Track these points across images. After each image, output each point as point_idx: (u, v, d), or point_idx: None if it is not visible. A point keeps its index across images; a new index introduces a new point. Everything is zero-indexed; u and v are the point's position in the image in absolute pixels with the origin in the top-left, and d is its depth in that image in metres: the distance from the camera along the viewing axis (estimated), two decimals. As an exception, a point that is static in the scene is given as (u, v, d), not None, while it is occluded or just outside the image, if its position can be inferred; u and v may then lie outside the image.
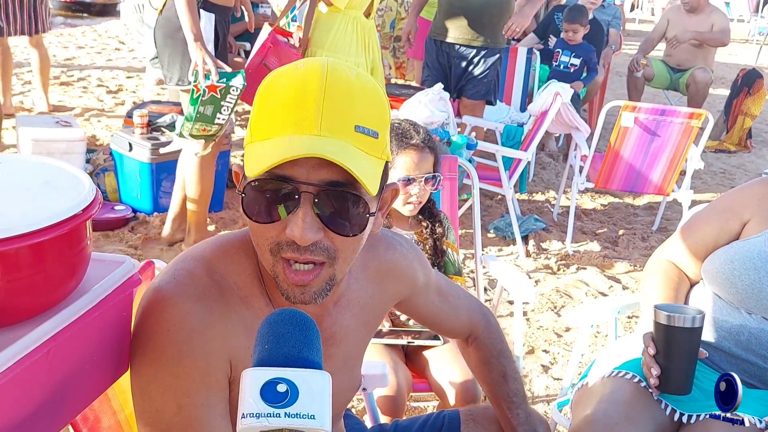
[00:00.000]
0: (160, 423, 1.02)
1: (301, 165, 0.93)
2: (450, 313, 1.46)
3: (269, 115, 0.97)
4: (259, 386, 0.73)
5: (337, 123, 0.94)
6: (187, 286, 1.04)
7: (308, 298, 1.01)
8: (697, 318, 1.55)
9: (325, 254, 0.98)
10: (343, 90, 0.96)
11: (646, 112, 3.85)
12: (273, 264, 1.00)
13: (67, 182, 0.96)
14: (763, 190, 1.76)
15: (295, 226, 0.94)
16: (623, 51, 7.90)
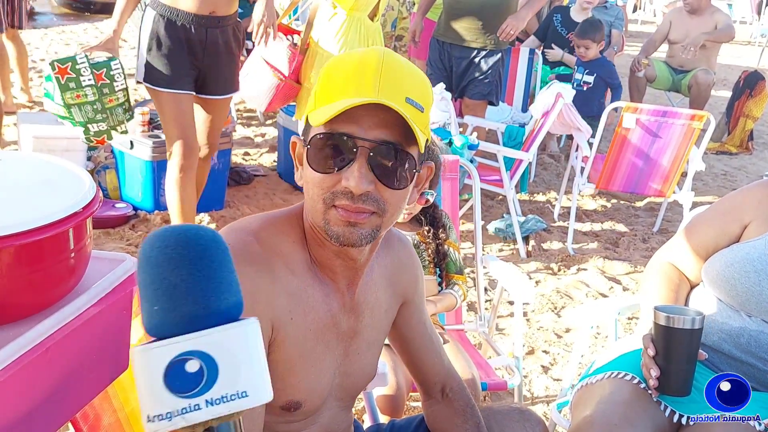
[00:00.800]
0: None
1: (359, 124, 1.06)
2: (432, 351, 1.47)
3: (331, 85, 1.10)
4: (161, 372, 0.54)
5: (392, 91, 1.06)
6: (240, 250, 1.11)
7: (356, 238, 1.10)
8: (697, 319, 1.55)
9: (375, 205, 1.09)
10: (396, 67, 1.10)
11: (647, 113, 3.85)
12: (324, 212, 1.10)
13: (68, 180, 0.96)
14: (764, 192, 1.75)
15: (351, 176, 1.06)
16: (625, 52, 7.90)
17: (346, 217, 1.08)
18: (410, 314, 1.42)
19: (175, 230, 0.62)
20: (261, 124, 5.91)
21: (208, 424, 0.55)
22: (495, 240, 4.16)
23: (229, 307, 0.59)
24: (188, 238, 0.60)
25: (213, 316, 0.57)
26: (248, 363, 0.56)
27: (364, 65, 1.08)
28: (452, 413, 1.47)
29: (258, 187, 4.59)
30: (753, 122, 6.46)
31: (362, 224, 1.09)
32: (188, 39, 2.98)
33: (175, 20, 2.96)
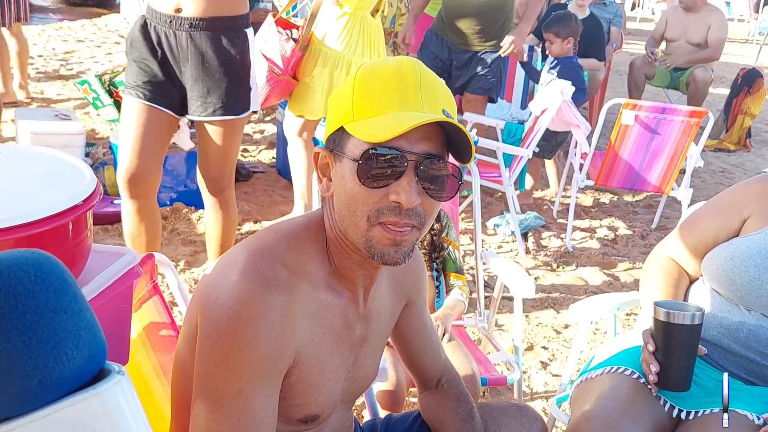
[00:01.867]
0: (217, 401, 1.06)
1: (407, 138, 1.06)
2: (431, 348, 1.49)
3: (373, 96, 1.10)
4: None
5: (433, 104, 1.09)
6: (270, 279, 1.09)
7: (400, 256, 1.11)
8: (697, 315, 1.55)
9: (418, 219, 1.10)
10: (432, 80, 1.12)
11: (646, 110, 3.85)
12: (367, 230, 1.09)
13: (68, 173, 0.96)
14: (763, 186, 1.75)
15: (402, 190, 1.07)
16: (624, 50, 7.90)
17: (393, 236, 1.08)
18: (413, 314, 1.43)
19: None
20: (259, 121, 5.90)
21: None
22: (494, 237, 4.16)
23: (79, 367, 0.42)
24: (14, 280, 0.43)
25: (55, 386, 0.41)
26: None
27: (404, 77, 1.09)
28: (446, 400, 1.49)
29: (257, 184, 4.59)
30: (751, 120, 6.47)
31: (405, 242, 1.10)
32: (159, 44, 2.51)
33: (148, 22, 2.54)
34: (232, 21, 2.52)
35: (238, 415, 1.05)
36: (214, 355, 1.06)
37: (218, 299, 1.07)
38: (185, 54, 2.49)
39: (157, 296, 1.51)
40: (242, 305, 1.05)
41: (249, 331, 1.05)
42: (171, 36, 2.49)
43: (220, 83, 2.51)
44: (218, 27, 2.49)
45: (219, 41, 2.49)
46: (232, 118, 2.58)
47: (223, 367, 1.06)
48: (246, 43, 2.56)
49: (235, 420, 1.05)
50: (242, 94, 2.59)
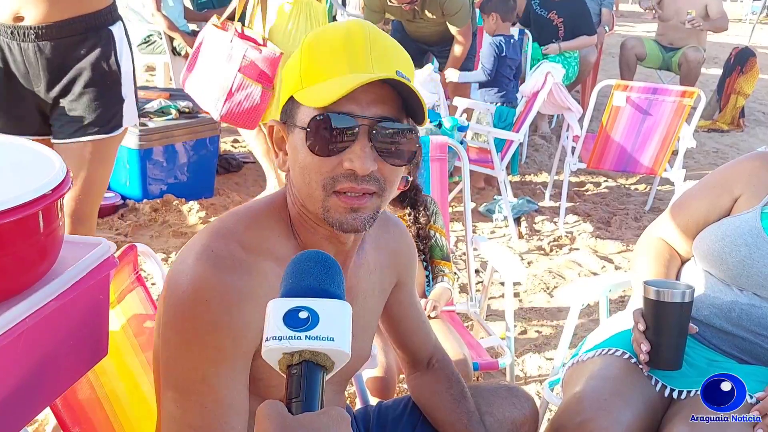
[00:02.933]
0: (183, 389, 1.04)
1: (357, 102, 1.02)
2: (422, 328, 1.48)
3: (320, 62, 1.05)
4: (282, 314, 0.76)
5: (384, 65, 1.04)
6: (225, 259, 1.06)
7: (359, 223, 1.07)
8: (687, 293, 1.53)
9: (377, 185, 1.06)
10: (383, 40, 1.08)
11: (638, 91, 3.83)
12: (324, 199, 1.06)
13: (37, 162, 0.93)
14: (754, 164, 1.74)
15: (354, 156, 1.03)
16: (616, 31, 7.86)
17: (349, 203, 1.05)
18: (403, 295, 1.42)
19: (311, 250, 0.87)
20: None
21: (304, 355, 0.75)
22: (486, 222, 4.15)
23: (335, 292, 0.80)
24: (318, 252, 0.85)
25: (323, 292, 0.79)
26: (339, 323, 0.77)
27: (352, 39, 1.05)
28: (437, 380, 1.48)
29: (248, 174, 4.57)
30: (744, 99, 6.44)
31: (364, 208, 1.07)
32: (4, 60, 2.04)
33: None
34: (88, 20, 2.02)
35: (204, 401, 1.03)
36: (175, 342, 1.05)
37: (175, 285, 1.06)
38: (35, 70, 2.02)
39: (141, 287, 1.50)
40: (197, 289, 1.03)
41: (205, 315, 1.02)
42: (15, 49, 2.00)
43: (82, 98, 2.05)
44: (71, 31, 2.00)
45: (75, 49, 2.02)
46: (100, 138, 2.10)
47: (184, 353, 1.04)
48: (111, 44, 2.08)
49: (202, 406, 1.03)
50: (112, 108, 2.12)
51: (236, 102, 3.22)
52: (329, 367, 0.77)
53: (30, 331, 0.87)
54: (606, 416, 1.51)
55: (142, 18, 5.35)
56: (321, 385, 0.76)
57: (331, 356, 0.77)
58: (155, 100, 4.14)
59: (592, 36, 5.59)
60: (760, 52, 7.03)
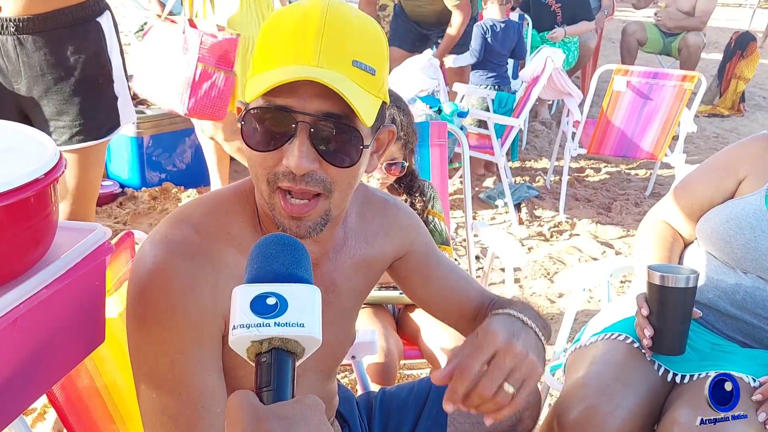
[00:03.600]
0: (154, 379, 1.02)
1: (299, 95, 0.94)
2: (459, 284, 1.36)
3: (269, 48, 0.98)
4: (249, 300, 0.73)
5: (335, 56, 0.95)
6: (177, 244, 1.03)
7: (303, 231, 1.02)
8: (691, 278, 1.52)
9: (321, 186, 0.99)
10: (342, 25, 0.97)
11: (638, 75, 3.80)
12: (270, 195, 1.01)
13: (30, 147, 0.92)
14: (759, 146, 1.72)
15: (291, 155, 0.96)
16: (616, 17, 7.82)
17: (289, 210, 1.00)
18: (415, 262, 1.34)
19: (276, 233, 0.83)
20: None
21: (273, 342, 0.72)
22: (487, 208, 4.13)
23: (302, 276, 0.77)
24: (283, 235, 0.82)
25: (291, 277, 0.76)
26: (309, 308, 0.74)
27: (305, 24, 0.96)
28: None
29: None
30: (744, 84, 6.41)
31: (307, 216, 1.01)
32: None
33: None
34: (75, 12, 1.86)
35: (179, 389, 1.01)
36: (137, 332, 1.03)
37: (132, 274, 1.04)
38: (15, 67, 1.84)
39: (138, 274, 1.48)
40: (152, 276, 1.01)
41: (161, 301, 1.00)
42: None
43: (73, 100, 1.88)
44: (56, 24, 1.84)
45: (61, 44, 1.85)
46: (96, 144, 1.95)
47: (148, 342, 1.01)
48: (101, 38, 1.92)
49: (178, 394, 1.01)
50: (106, 109, 1.96)
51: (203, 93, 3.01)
52: (299, 353, 0.74)
53: (25, 317, 0.86)
54: (609, 401, 1.50)
55: (139, 5, 5.31)
56: (292, 373, 0.74)
57: (302, 342, 0.74)
58: (152, 87, 4.11)
59: (591, 21, 5.57)
60: (760, 37, 6.98)
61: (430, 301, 1.38)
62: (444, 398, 1.06)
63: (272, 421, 0.68)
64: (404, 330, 2.13)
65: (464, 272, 1.41)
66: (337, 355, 1.31)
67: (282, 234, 0.82)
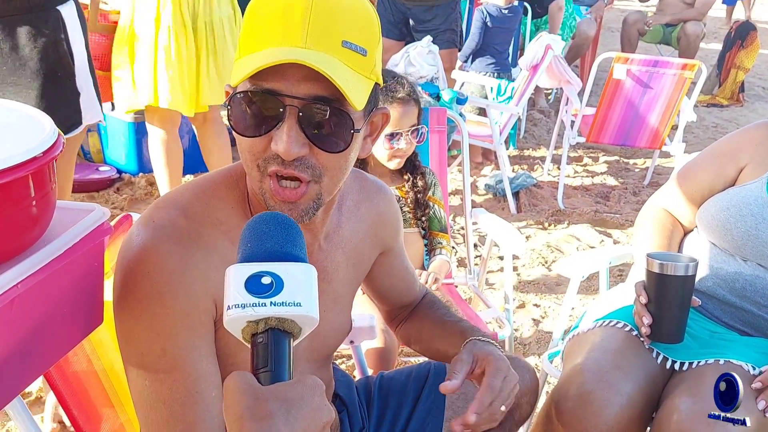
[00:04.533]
0: (146, 365, 1.01)
1: (287, 78, 0.92)
2: (409, 280, 1.48)
3: (256, 29, 0.95)
4: (243, 280, 0.72)
5: (323, 37, 0.93)
6: (165, 228, 1.02)
7: (296, 215, 1.00)
8: (690, 266, 1.51)
9: (310, 171, 0.97)
10: (330, 4, 0.95)
11: (638, 63, 3.79)
12: (260, 180, 1.00)
13: (28, 125, 0.91)
14: (760, 134, 1.71)
15: (279, 140, 0.94)
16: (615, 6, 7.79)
17: (281, 195, 0.98)
18: (392, 260, 1.38)
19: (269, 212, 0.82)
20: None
21: (270, 322, 0.71)
22: (486, 196, 4.12)
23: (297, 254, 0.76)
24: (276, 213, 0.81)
25: (285, 255, 0.75)
26: (305, 287, 0.73)
27: (292, 5, 0.93)
28: (420, 309, 1.49)
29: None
30: (744, 74, 6.40)
31: (299, 201, 0.99)
32: None
33: None
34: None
35: (172, 375, 1.00)
36: (127, 319, 1.01)
37: (119, 260, 1.03)
38: None
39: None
40: (138, 261, 1.00)
41: (148, 286, 0.99)
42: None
43: (29, 93, 1.76)
44: (11, 9, 1.72)
45: (15, 30, 1.73)
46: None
47: (138, 329, 1.00)
48: (60, 27, 1.80)
49: (171, 380, 1.00)
50: (65, 105, 1.85)
51: None
52: (296, 333, 0.73)
53: (23, 296, 0.85)
54: (607, 388, 1.50)
55: None
56: (289, 353, 0.72)
57: (299, 322, 0.73)
58: (150, 72, 4.09)
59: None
60: (760, 27, 6.97)
61: (381, 292, 1.46)
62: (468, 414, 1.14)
63: (272, 402, 0.67)
64: (402, 316, 2.13)
65: (410, 264, 1.48)
66: (331, 344, 1.30)
67: (275, 212, 0.81)
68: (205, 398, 1.01)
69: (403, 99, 2.05)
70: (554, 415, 1.54)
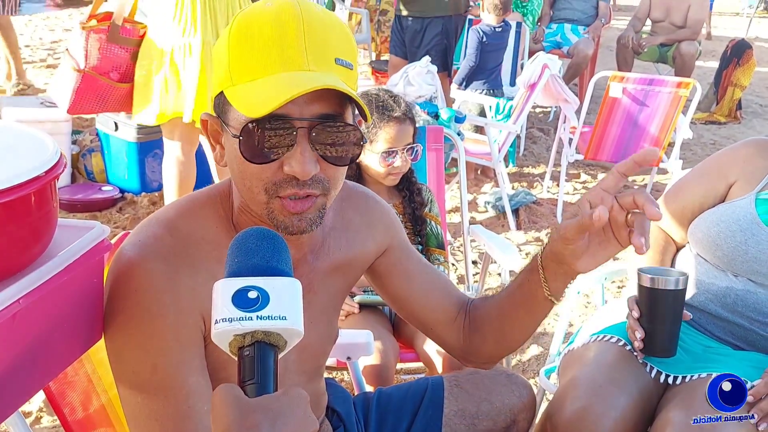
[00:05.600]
0: (137, 384, 1.03)
1: (294, 102, 0.94)
2: (438, 283, 1.34)
3: (250, 55, 0.97)
4: (231, 294, 0.74)
5: (321, 57, 0.97)
6: (151, 247, 1.04)
7: (304, 225, 1.03)
8: (681, 280, 1.54)
9: (320, 186, 1.01)
10: (319, 25, 0.98)
11: (634, 82, 3.83)
12: (268, 202, 1.01)
13: (31, 145, 0.94)
14: (749, 151, 1.74)
15: (295, 162, 0.96)
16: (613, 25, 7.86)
17: (292, 208, 1.00)
18: (397, 257, 1.33)
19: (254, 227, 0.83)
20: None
21: (256, 336, 0.74)
22: (485, 213, 4.15)
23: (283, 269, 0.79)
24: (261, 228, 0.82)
25: (271, 270, 0.78)
26: (290, 301, 0.76)
27: (283, 28, 0.95)
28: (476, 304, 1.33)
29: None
30: (741, 91, 6.44)
31: (308, 211, 1.02)
32: None
33: None
34: None
35: (163, 391, 1.01)
36: (117, 337, 1.03)
37: (109, 280, 1.05)
38: None
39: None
40: (125, 279, 1.02)
41: (137, 305, 1.01)
42: None
43: None
44: None
45: None
46: None
47: (128, 346, 1.02)
48: None
49: (163, 396, 1.01)
50: None
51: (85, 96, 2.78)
52: (282, 346, 0.76)
53: (24, 312, 0.87)
54: (601, 402, 1.51)
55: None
56: (275, 366, 0.74)
57: (284, 335, 0.75)
58: (152, 93, 4.13)
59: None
60: (757, 45, 7.02)
61: (411, 299, 1.33)
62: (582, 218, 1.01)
63: (258, 413, 0.69)
64: (401, 333, 2.15)
65: (438, 270, 1.40)
66: (318, 355, 1.31)
67: (261, 227, 0.83)
68: (197, 413, 1.02)
69: (399, 118, 2.08)
70: (549, 429, 1.55)
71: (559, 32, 6.19)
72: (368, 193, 1.34)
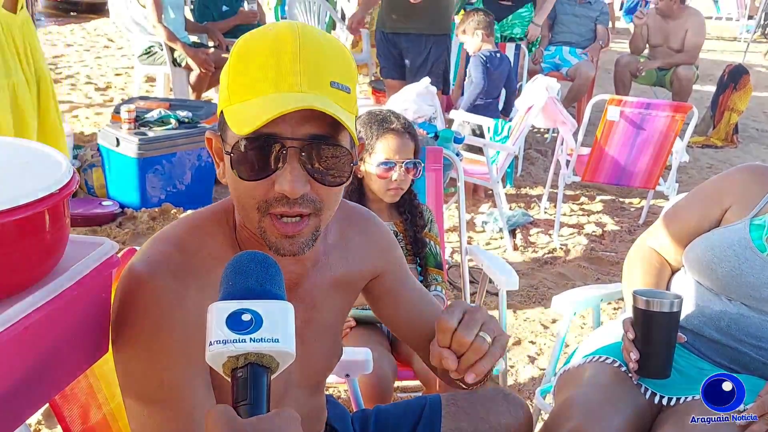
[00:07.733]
0: (144, 397, 1.04)
1: (285, 122, 0.97)
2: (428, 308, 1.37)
3: (246, 77, 1.00)
4: (224, 317, 0.77)
5: (315, 80, 0.99)
6: (160, 263, 1.06)
7: (297, 248, 1.04)
8: (675, 302, 1.56)
9: (312, 206, 1.02)
10: (316, 48, 1.00)
11: (631, 105, 3.88)
12: (260, 220, 1.03)
13: (45, 163, 0.96)
14: (744, 176, 1.77)
15: (284, 180, 0.98)
16: (611, 48, 7.94)
17: (283, 230, 1.02)
18: (390, 284, 1.36)
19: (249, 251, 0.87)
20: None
21: (249, 357, 0.76)
22: (482, 234, 4.18)
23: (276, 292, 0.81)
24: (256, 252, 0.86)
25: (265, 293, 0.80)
26: (283, 324, 0.78)
27: (279, 51, 0.98)
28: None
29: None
30: (738, 116, 6.50)
31: (300, 233, 1.03)
32: None
33: None
34: None
35: (171, 405, 1.03)
36: (125, 351, 1.05)
37: (117, 296, 1.07)
38: None
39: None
40: (135, 294, 1.04)
41: (145, 321, 1.03)
42: None
43: None
44: None
45: None
46: None
47: (136, 361, 1.04)
48: None
49: (169, 410, 1.03)
50: None
51: None
52: (274, 368, 0.78)
53: (35, 325, 0.90)
54: (596, 422, 1.53)
55: (144, 29, 5.40)
56: (267, 387, 0.77)
57: (276, 357, 0.77)
58: (155, 109, 4.18)
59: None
60: (754, 70, 7.10)
61: (400, 324, 1.40)
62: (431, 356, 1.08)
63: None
64: (398, 351, 2.16)
65: (433, 298, 1.43)
66: (322, 370, 1.33)
67: (255, 251, 0.85)
68: (202, 427, 1.04)
69: (397, 130, 2.11)
70: (545, 449, 1.57)
71: (557, 54, 6.26)
72: (370, 215, 1.36)
